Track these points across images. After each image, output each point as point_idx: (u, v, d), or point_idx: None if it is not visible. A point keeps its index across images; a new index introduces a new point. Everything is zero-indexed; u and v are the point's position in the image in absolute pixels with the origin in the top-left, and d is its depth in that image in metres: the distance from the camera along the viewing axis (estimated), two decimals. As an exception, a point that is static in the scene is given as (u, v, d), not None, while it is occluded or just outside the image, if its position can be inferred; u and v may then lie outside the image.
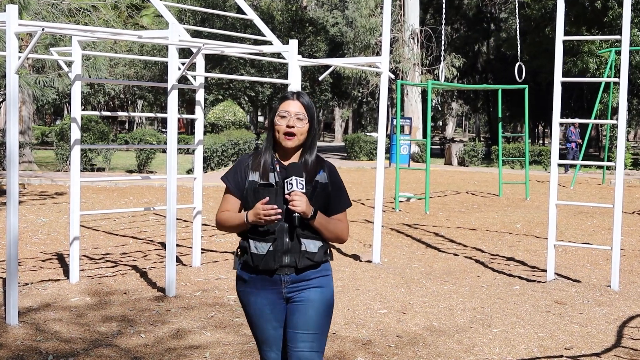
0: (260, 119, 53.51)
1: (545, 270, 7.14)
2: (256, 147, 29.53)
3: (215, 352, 4.65)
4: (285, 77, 25.38)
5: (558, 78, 6.75)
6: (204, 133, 22.40)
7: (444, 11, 15.26)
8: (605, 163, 7.46)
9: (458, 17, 37.03)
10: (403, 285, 6.64)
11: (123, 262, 7.48)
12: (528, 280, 6.97)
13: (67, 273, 6.72)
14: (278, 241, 2.88)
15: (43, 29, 5.14)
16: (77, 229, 6.44)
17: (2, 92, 16.49)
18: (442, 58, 14.56)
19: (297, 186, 2.83)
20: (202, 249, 7.74)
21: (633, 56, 21.93)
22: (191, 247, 7.56)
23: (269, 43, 7.37)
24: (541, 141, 45.63)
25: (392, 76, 8.74)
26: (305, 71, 32.38)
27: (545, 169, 23.31)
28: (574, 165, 20.20)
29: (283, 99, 2.97)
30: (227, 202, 2.99)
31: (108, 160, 19.82)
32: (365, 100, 44.11)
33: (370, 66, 8.75)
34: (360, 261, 7.71)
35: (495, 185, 16.52)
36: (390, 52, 26.26)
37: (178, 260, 7.45)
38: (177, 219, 7.15)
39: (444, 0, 15.57)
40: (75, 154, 6.37)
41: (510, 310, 5.80)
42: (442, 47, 15.05)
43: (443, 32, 15.47)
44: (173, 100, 6.04)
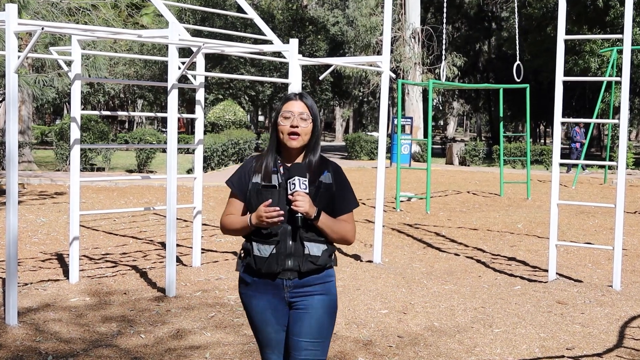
0: (261, 118, 53.52)
1: (546, 270, 7.12)
2: (257, 146, 29.53)
3: (216, 352, 4.64)
4: (286, 76, 25.33)
5: (559, 77, 6.73)
6: (204, 132, 22.37)
7: (444, 10, 15.23)
8: (607, 162, 7.44)
9: (459, 16, 37.01)
10: (404, 285, 6.62)
11: (123, 262, 7.46)
12: (529, 280, 6.96)
13: (66, 273, 6.71)
14: (281, 244, 2.83)
15: (42, 28, 5.12)
16: (77, 228, 6.43)
17: (1, 92, 16.48)
18: (443, 57, 14.53)
19: (299, 186, 2.79)
20: (202, 249, 7.73)
21: (635, 55, 21.90)
22: (191, 247, 7.54)
23: (270, 42, 7.35)
24: (542, 141, 45.63)
25: (393, 75, 8.73)
26: (305, 70, 32.36)
27: (547, 169, 23.28)
28: (576, 165, 20.16)
29: (285, 99, 2.93)
30: (232, 205, 2.96)
31: (108, 160, 19.81)
32: (366, 99, 44.12)
33: (371, 65, 8.73)
34: (361, 261, 7.69)
35: (496, 185, 16.50)
36: (391, 51, 26.23)
37: (178, 260, 7.44)
38: (177, 218, 7.14)
39: (444, -1, 15.54)
40: (75, 154, 6.36)
41: (511, 311, 5.79)
42: (443, 46, 15.02)
43: (444, 31, 15.43)
44: (173, 99, 6.03)
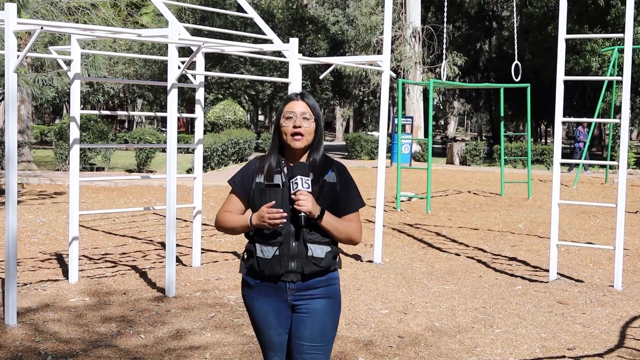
0: (261, 117, 53.52)
1: (547, 270, 7.11)
2: (257, 146, 29.52)
3: (216, 352, 4.63)
4: (286, 75, 25.34)
5: (560, 76, 6.72)
6: (204, 132, 22.32)
7: (445, 9, 15.19)
8: (608, 162, 7.43)
9: (460, 15, 37.00)
10: (404, 285, 6.61)
11: (122, 262, 7.45)
12: (530, 280, 6.94)
13: (66, 273, 6.70)
14: (284, 245, 2.80)
15: (42, 28, 5.11)
16: (77, 228, 6.42)
17: (0, 91, 16.47)
18: (443, 56, 14.49)
19: (302, 185, 2.76)
20: (202, 249, 7.72)
21: (636, 54, 21.86)
22: (191, 247, 7.53)
23: (270, 42, 7.34)
24: (543, 140, 45.62)
25: (394, 75, 8.71)
26: (305, 70, 32.34)
27: (548, 168, 23.26)
28: (578, 165, 20.14)
29: (287, 100, 2.89)
30: (230, 202, 2.93)
31: (107, 160, 19.79)
32: (366, 99, 44.09)
33: (371, 65, 8.71)
34: (362, 261, 7.67)
35: (497, 185, 16.48)
36: (392, 50, 26.20)
37: (178, 260, 7.42)
38: (177, 218, 7.12)
39: (445, -1, 15.51)
40: (75, 154, 6.35)
41: (512, 311, 5.77)
42: (444, 46, 14.99)
43: (445, 30, 15.40)
44: (173, 99, 6.02)
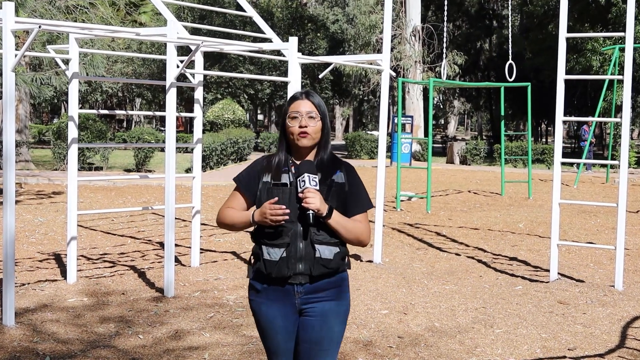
0: (260, 117, 53.51)
1: (548, 270, 7.09)
2: (256, 145, 29.49)
3: (215, 353, 4.62)
4: (285, 74, 25.31)
5: (561, 76, 6.69)
6: (203, 131, 22.26)
7: (445, 8, 15.17)
8: (609, 162, 7.40)
9: (460, 14, 36.99)
10: (404, 285, 6.59)
11: (121, 262, 7.43)
12: (531, 280, 6.92)
13: (64, 273, 6.68)
14: (291, 247, 2.75)
15: (40, 27, 5.10)
16: (75, 228, 6.40)
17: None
18: (443, 55, 14.47)
19: (309, 183, 2.71)
20: (201, 249, 7.70)
21: (637, 53, 21.82)
22: (190, 247, 7.51)
23: (269, 40, 7.32)
24: (544, 139, 45.61)
25: (393, 74, 8.69)
26: (305, 69, 32.30)
27: (548, 168, 23.25)
28: (585, 164, 20.16)
29: (292, 99, 2.85)
30: (234, 198, 2.89)
31: (106, 159, 19.77)
32: (366, 98, 44.06)
33: (371, 64, 8.68)
34: (361, 261, 7.65)
35: (497, 184, 16.46)
36: (391, 49, 26.18)
37: (177, 260, 7.40)
38: (175, 218, 7.11)
39: (445, -3, 15.49)
40: (73, 153, 6.33)
41: (512, 311, 5.76)
42: (444, 45, 14.98)
43: (445, 29, 15.38)
44: (171, 98, 6.01)
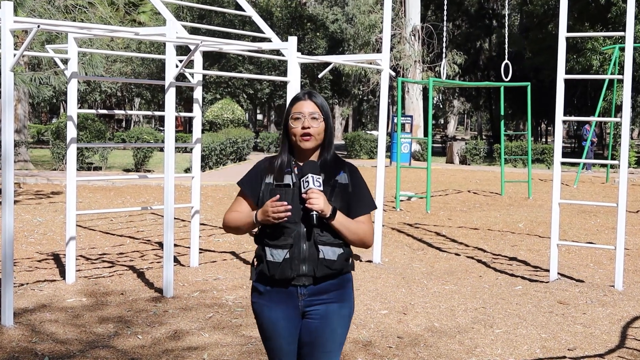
0: (259, 117, 53.49)
1: (548, 270, 7.08)
2: (255, 145, 29.47)
3: (214, 353, 4.61)
4: (285, 74, 25.29)
5: (561, 75, 6.68)
6: (202, 131, 22.25)
7: (445, 7, 15.15)
8: (609, 161, 7.39)
9: (459, 13, 36.95)
10: (404, 285, 6.58)
11: (120, 262, 7.42)
12: (531, 280, 6.91)
13: (63, 273, 6.67)
14: (295, 248, 2.74)
15: (39, 26, 5.10)
16: (74, 228, 6.40)
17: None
18: (443, 55, 14.46)
19: (313, 184, 2.69)
20: (200, 249, 7.69)
21: (637, 53, 21.80)
22: (189, 247, 7.50)
23: (268, 40, 7.31)
24: (544, 139, 45.60)
25: (393, 73, 8.67)
26: (304, 68, 32.28)
27: (548, 168, 23.24)
28: (586, 164, 20.16)
29: (294, 100, 2.83)
30: (239, 203, 2.88)
31: (105, 159, 19.76)
32: (365, 98, 44.04)
33: (370, 63, 8.67)
34: (361, 261, 7.64)
35: (497, 184, 16.45)
36: (391, 49, 26.17)
37: (176, 260, 7.39)
38: (174, 218, 7.10)
39: (445, -3, 15.47)
40: (72, 153, 6.32)
41: (512, 311, 5.75)
42: (444, 44, 14.96)
43: (444, 28, 15.36)
44: (170, 97, 6.00)
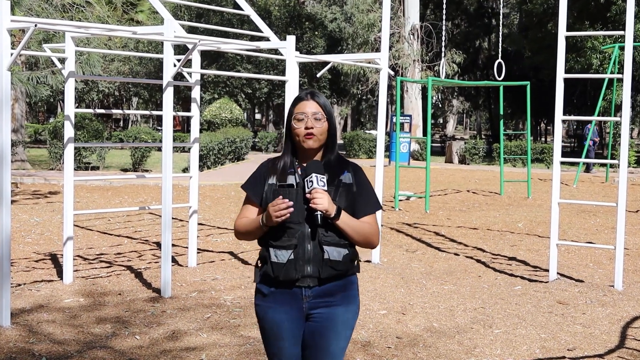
0: (258, 116, 53.46)
1: (547, 270, 7.07)
2: (253, 144, 29.44)
3: (212, 353, 4.60)
4: (283, 73, 25.16)
5: (560, 74, 6.67)
6: (200, 131, 22.24)
7: (444, 6, 15.14)
8: (608, 161, 7.39)
9: (459, 12, 36.91)
10: (403, 285, 6.56)
11: (118, 262, 7.41)
12: (530, 280, 6.90)
13: (60, 274, 6.65)
14: (299, 248, 2.71)
15: (36, 25, 5.09)
16: (71, 228, 6.39)
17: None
18: (442, 54, 14.45)
19: (317, 183, 2.66)
20: (198, 249, 7.68)
21: (637, 52, 21.81)
22: (187, 247, 7.48)
23: (266, 39, 7.29)
24: (543, 139, 45.61)
25: (392, 73, 8.65)
26: (303, 68, 32.26)
27: (548, 167, 23.24)
28: (602, 165, 20.21)
29: (297, 100, 2.80)
30: (246, 209, 2.86)
31: (102, 159, 19.72)
32: (364, 97, 44.00)
33: (369, 62, 8.65)
34: (359, 261, 7.62)
35: (496, 184, 16.44)
36: (390, 48, 26.16)
37: (174, 260, 7.37)
38: (172, 218, 7.08)
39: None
40: (69, 153, 6.31)
41: (511, 311, 5.74)
42: (443, 43, 14.95)
43: (443, 27, 15.36)
44: (168, 97, 5.99)
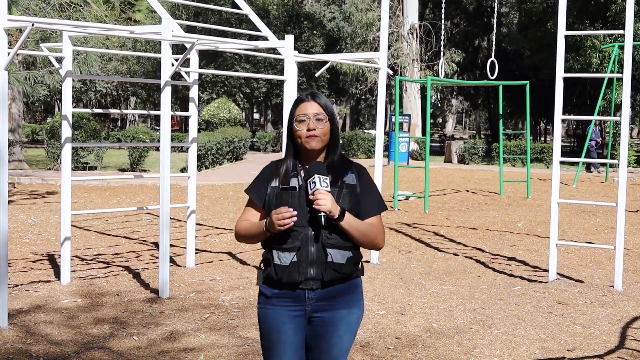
0: (256, 116, 53.45)
1: (547, 270, 7.06)
2: (252, 144, 29.44)
3: (210, 354, 4.59)
4: (281, 73, 25.18)
5: (560, 74, 6.66)
6: (198, 131, 22.15)
7: (443, 5, 15.10)
8: (608, 160, 7.37)
9: (458, 11, 36.92)
10: (402, 285, 6.55)
11: (115, 262, 7.39)
12: (529, 280, 6.89)
13: (58, 274, 6.63)
14: (302, 251, 2.69)
15: (33, 25, 5.07)
16: (69, 229, 6.38)
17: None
18: (441, 53, 14.41)
19: (320, 184, 2.63)
20: (196, 249, 7.65)
21: (637, 51, 21.80)
22: (185, 248, 7.47)
23: (265, 38, 7.27)
24: (543, 138, 45.63)
25: (391, 72, 8.63)
26: (301, 67, 32.23)
27: (547, 167, 23.24)
28: (602, 164, 20.19)
29: (298, 102, 2.77)
30: (248, 212, 2.84)
31: (100, 159, 19.71)
32: (363, 97, 43.99)
33: (368, 62, 8.64)
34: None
35: (496, 184, 16.43)
36: (389, 47, 26.12)
37: (172, 260, 7.35)
38: (170, 218, 7.06)
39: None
40: (67, 153, 6.30)
41: (511, 311, 5.72)
42: (442, 43, 14.94)
43: (442, 26, 15.34)
44: (166, 97, 5.97)
